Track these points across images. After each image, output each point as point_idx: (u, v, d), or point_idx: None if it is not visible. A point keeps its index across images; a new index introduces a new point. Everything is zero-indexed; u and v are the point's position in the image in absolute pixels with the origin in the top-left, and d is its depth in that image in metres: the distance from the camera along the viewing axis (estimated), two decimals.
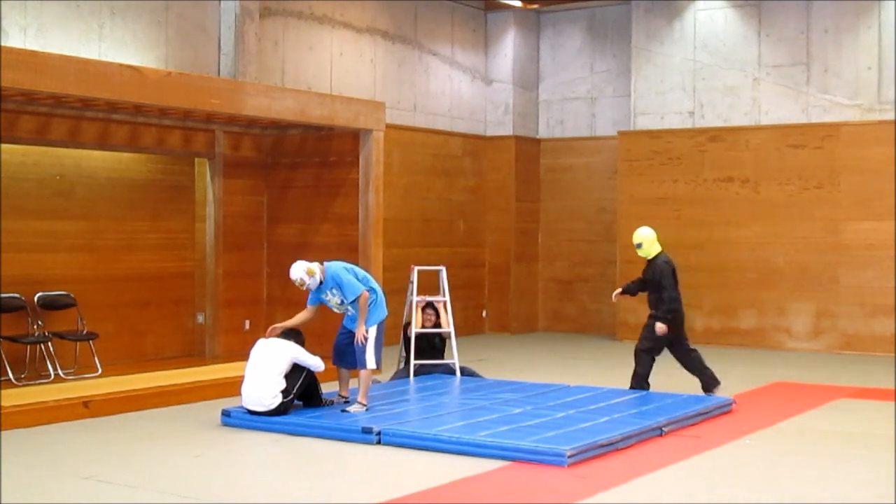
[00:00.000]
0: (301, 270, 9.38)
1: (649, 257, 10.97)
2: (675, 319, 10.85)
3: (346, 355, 9.69)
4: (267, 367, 9.23)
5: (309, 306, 9.63)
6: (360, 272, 9.74)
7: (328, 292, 9.48)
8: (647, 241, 10.97)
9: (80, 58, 10.56)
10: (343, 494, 7.12)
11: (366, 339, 9.39)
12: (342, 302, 9.49)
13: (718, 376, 12.34)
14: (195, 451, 8.34)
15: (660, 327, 10.73)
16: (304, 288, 9.49)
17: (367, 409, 9.36)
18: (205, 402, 10.43)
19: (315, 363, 9.41)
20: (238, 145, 13.19)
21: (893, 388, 11.63)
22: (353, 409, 9.35)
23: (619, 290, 11.40)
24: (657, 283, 10.75)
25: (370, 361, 9.42)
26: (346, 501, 6.94)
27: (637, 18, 16.89)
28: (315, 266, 9.43)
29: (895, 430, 9.14)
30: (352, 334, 9.56)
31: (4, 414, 8.97)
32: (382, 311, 9.64)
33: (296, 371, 9.34)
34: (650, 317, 10.84)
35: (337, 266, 9.55)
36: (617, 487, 7.23)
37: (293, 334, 9.55)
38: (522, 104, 18.17)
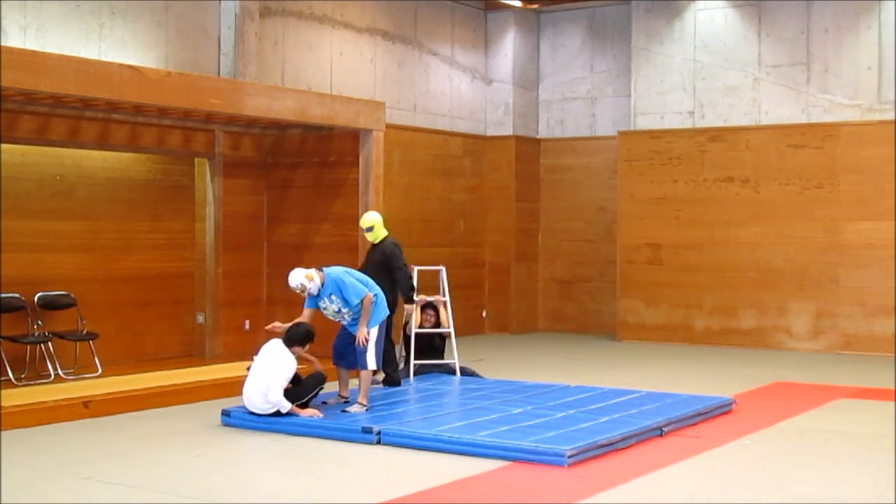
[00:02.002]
0: (300, 276, 9.34)
1: (377, 241, 10.79)
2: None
3: (346, 355, 9.69)
4: (267, 377, 9.15)
5: (306, 310, 9.57)
6: (360, 276, 9.74)
7: (326, 299, 9.43)
8: (377, 225, 10.81)
9: (80, 58, 10.56)
10: (343, 494, 7.12)
11: (367, 340, 9.39)
12: (339, 310, 9.45)
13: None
14: (195, 451, 8.34)
15: (409, 307, 10.70)
16: (305, 294, 9.45)
17: (367, 410, 9.36)
18: (205, 402, 10.43)
19: (277, 397, 9.08)
20: (238, 145, 13.19)
21: (893, 388, 11.63)
22: (353, 409, 9.35)
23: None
24: (387, 265, 10.55)
25: (371, 362, 9.42)
26: (346, 501, 6.94)
27: (637, 18, 16.89)
28: (313, 272, 9.39)
29: (895, 430, 9.15)
30: (351, 335, 9.55)
31: (4, 414, 8.97)
32: (383, 312, 9.63)
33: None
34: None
35: (337, 271, 9.52)
36: (617, 487, 7.23)
37: (302, 333, 9.41)
38: (522, 104, 18.17)
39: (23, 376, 10.69)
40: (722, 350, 15.58)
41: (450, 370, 11.81)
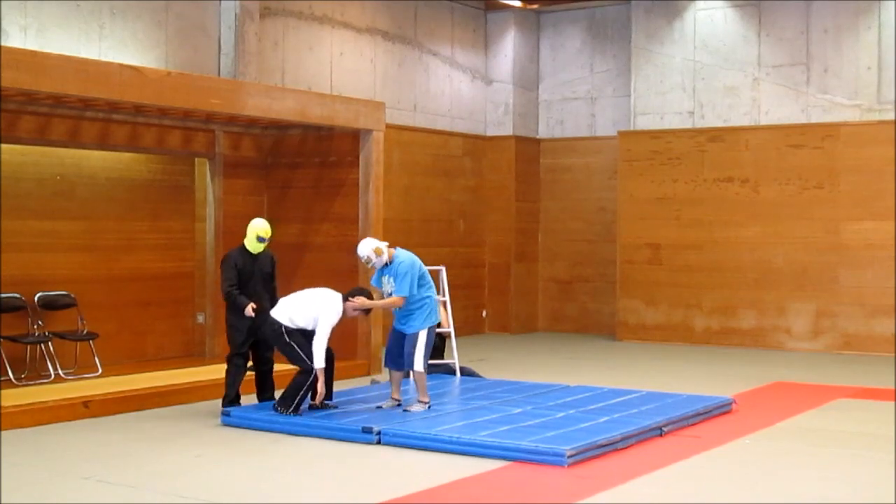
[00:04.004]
0: (369, 248, 9.43)
1: (260, 251, 10.04)
2: None
3: (397, 357, 9.67)
4: (315, 313, 9.24)
5: (373, 283, 9.78)
6: (423, 269, 9.67)
7: (386, 276, 9.51)
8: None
9: (80, 58, 10.57)
10: (343, 494, 7.13)
11: (362, 306, 9.45)
12: (391, 293, 9.50)
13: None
14: (195, 451, 8.34)
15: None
16: (370, 266, 9.55)
17: (429, 407, 9.44)
18: (205, 402, 10.43)
19: (317, 351, 9.16)
20: (238, 145, 13.19)
21: (893, 388, 11.63)
22: (414, 407, 9.45)
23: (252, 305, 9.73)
24: (271, 275, 10.11)
25: (418, 363, 9.45)
26: (346, 501, 6.94)
27: (637, 18, 16.89)
28: (383, 246, 9.47)
29: (895, 430, 9.15)
30: (402, 337, 9.54)
31: (4, 414, 8.98)
32: (434, 317, 9.64)
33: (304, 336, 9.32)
34: (255, 314, 9.67)
35: (407, 258, 9.54)
36: (617, 487, 7.24)
37: (357, 288, 9.63)
38: (522, 104, 18.17)
39: (23, 376, 10.69)
40: (722, 350, 15.58)
41: (450, 370, 11.81)
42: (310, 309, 9.30)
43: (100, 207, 12.03)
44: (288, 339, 9.24)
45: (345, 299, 9.43)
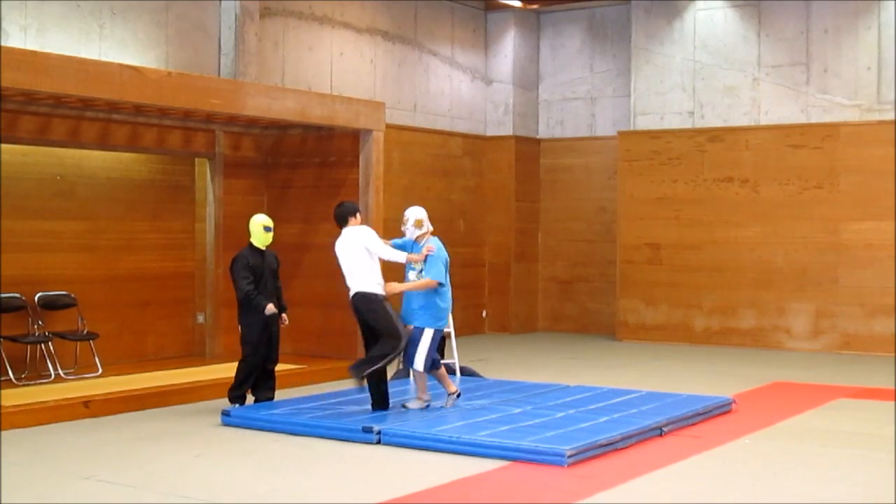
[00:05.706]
0: (415, 215, 9.65)
1: (266, 245, 10.13)
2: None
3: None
4: (351, 264, 9.40)
5: (394, 244, 9.75)
6: (447, 263, 9.71)
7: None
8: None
9: (80, 58, 10.57)
10: (343, 494, 7.13)
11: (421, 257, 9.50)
12: (420, 271, 9.52)
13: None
14: (195, 451, 8.35)
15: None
16: (403, 228, 9.66)
17: (427, 406, 9.49)
18: (205, 402, 10.44)
19: (393, 258, 9.45)
20: (238, 145, 13.20)
21: (893, 388, 11.63)
22: (412, 404, 9.52)
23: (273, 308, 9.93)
24: (276, 272, 10.15)
25: (419, 362, 9.44)
26: (346, 501, 6.95)
27: (637, 18, 16.89)
28: (427, 226, 9.65)
29: (895, 430, 9.15)
30: (419, 332, 9.48)
31: (4, 414, 8.98)
32: (443, 322, 9.65)
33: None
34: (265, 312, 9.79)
35: (439, 244, 9.65)
36: (617, 487, 7.24)
37: (348, 206, 9.69)
38: (522, 104, 18.17)
39: (23, 376, 10.70)
40: (722, 350, 15.58)
41: (450, 370, 11.80)
42: (357, 256, 9.39)
43: (100, 207, 12.04)
44: (384, 305, 9.33)
45: (344, 222, 9.56)
